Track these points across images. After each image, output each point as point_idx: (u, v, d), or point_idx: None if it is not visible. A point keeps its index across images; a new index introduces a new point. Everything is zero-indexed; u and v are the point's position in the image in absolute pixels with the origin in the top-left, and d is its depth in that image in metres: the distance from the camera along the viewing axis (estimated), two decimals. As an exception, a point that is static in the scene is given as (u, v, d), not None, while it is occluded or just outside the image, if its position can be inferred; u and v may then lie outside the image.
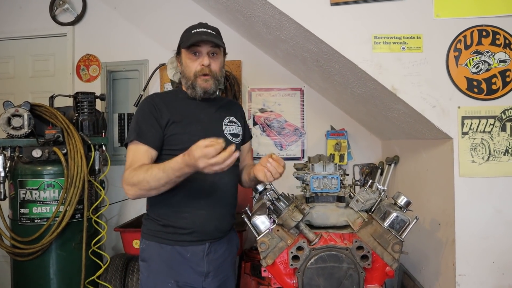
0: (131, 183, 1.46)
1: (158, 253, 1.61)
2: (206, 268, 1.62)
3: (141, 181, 1.43)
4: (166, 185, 1.42)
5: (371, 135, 3.11)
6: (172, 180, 1.40)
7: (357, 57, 1.84)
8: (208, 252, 1.62)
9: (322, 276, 1.47)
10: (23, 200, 2.50)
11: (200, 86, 1.62)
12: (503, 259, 1.76)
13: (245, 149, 1.88)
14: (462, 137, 1.77)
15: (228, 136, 1.69)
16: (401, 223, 1.51)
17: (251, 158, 1.92)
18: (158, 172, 1.41)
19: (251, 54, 3.19)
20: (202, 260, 1.61)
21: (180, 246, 1.60)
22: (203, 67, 1.61)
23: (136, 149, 1.55)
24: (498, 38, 1.77)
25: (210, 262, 1.63)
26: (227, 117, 1.74)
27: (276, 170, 1.49)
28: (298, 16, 1.88)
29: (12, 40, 3.53)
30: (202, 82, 1.62)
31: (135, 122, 1.61)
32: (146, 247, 1.65)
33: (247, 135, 1.86)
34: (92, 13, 3.42)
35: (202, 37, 1.59)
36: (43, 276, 2.50)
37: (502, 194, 1.76)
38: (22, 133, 2.53)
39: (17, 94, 3.48)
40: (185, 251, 1.60)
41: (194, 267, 1.60)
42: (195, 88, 1.63)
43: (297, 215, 1.47)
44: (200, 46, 1.61)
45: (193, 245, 1.60)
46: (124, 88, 3.43)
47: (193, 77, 1.63)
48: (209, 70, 1.62)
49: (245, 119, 1.88)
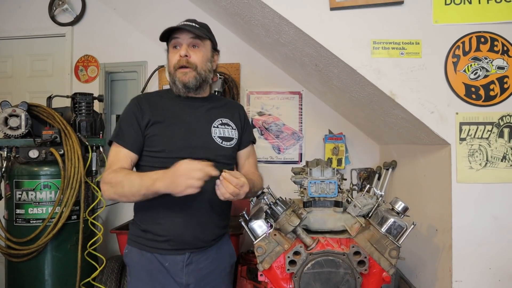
0: (109, 183, 1.43)
1: (138, 259, 1.55)
2: (185, 280, 1.53)
3: (118, 183, 1.40)
4: (135, 194, 1.38)
5: (369, 140, 3.11)
6: (141, 191, 1.36)
7: (356, 62, 1.84)
8: (188, 262, 1.53)
9: (319, 281, 1.47)
10: (19, 200, 2.48)
11: (179, 79, 1.54)
12: (499, 266, 1.76)
13: (244, 154, 1.73)
14: (460, 143, 1.77)
15: (216, 139, 1.58)
16: (398, 229, 1.51)
17: (252, 165, 1.76)
18: (135, 179, 1.39)
19: (250, 57, 3.19)
20: (181, 271, 1.52)
21: (159, 254, 1.52)
22: (181, 58, 1.53)
23: (117, 151, 1.52)
24: (496, 45, 1.77)
25: (190, 274, 1.53)
26: (219, 119, 1.63)
27: (225, 189, 1.34)
28: (298, 20, 1.88)
29: (10, 40, 3.53)
30: (181, 75, 1.54)
31: (118, 122, 1.59)
32: (128, 252, 1.59)
33: (245, 139, 1.73)
34: (91, 14, 3.42)
35: (179, 25, 1.51)
36: (38, 277, 2.48)
37: (499, 201, 1.76)
38: (19, 133, 2.52)
39: (14, 94, 3.48)
40: (164, 260, 1.52)
41: (174, 277, 1.53)
42: (175, 83, 1.56)
43: (294, 220, 1.47)
44: (179, 38, 1.54)
45: (172, 254, 1.52)
46: (122, 89, 3.43)
47: (173, 71, 1.56)
48: (187, 61, 1.53)
49: (246, 122, 1.76)
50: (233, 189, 1.34)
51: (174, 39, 1.55)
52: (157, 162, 1.51)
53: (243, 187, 1.37)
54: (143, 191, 1.36)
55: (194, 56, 1.55)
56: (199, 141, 1.56)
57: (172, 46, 1.58)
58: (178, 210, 1.51)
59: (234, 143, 1.65)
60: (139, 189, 1.36)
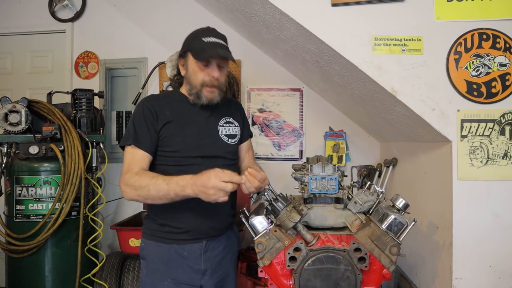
0: (132, 185, 1.49)
1: (156, 251, 1.64)
2: (203, 266, 1.64)
3: (143, 187, 1.47)
4: (162, 198, 1.46)
5: (369, 137, 3.11)
6: (169, 196, 1.45)
7: (357, 59, 1.84)
8: (205, 249, 1.65)
9: (319, 277, 1.47)
10: (19, 196, 2.48)
11: (206, 96, 1.62)
12: (500, 263, 1.76)
13: (244, 148, 1.85)
14: (461, 140, 1.77)
15: (223, 137, 1.70)
16: (399, 226, 1.50)
17: (252, 157, 1.90)
18: (161, 183, 1.45)
19: (251, 54, 3.18)
20: (200, 258, 1.63)
21: (177, 244, 1.62)
22: (213, 79, 1.61)
23: (133, 153, 1.59)
24: (499, 42, 1.77)
25: (207, 260, 1.65)
26: (224, 118, 1.74)
27: (250, 184, 1.45)
28: (299, 16, 1.87)
29: (10, 36, 3.51)
30: (209, 93, 1.62)
31: (132, 125, 1.63)
32: (145, 246, 1.68)
33: (245, 133, 1.85)
34: (92, 10, 3.40)
35: (218, 51, 1.57)
36: (38, 273, 2.49)
37: (500, 198, 1.76)
38: (19, 129, 2.52)
39: (14, 90, 3.46)
40: (183, 250, 1.62)
41: (191, 265, 1.62)
42: (200, 98, 1.63)
43: (295, 216, 1.47)
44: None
45: (190, 243, 1.63)
46: (122, 85, 3.41)
47: (199, 87, 1.62)
48: (217, 82, 1.62)
49: (244, 118, 1.87)
50: (258, 184, 1.46)
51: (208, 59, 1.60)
52: (171, 161, 1.62)
53: (265, 181, 1.49)
54: (172, 196, 1.45)
55: (221, 77, 1.65)
56: (209, 140, 1.67)
57: (203, 63, 1.61)
58: (195, 204, 1.55)
59: (237, 139, 1.76)
60: (167, 193, 1.45)
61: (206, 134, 1.67)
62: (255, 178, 1.45)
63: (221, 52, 1.58)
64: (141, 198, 1.51)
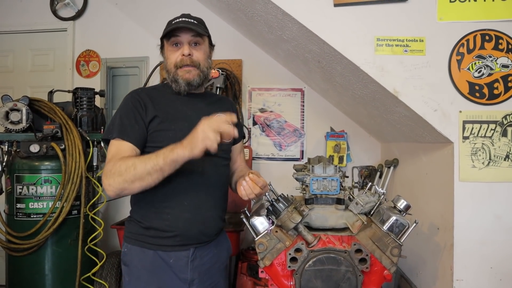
0: (116, 172, 1.34)
1: (140, 258, 1.51)
2: (190, 275, 1.52)
3: (129, 167, 1.32)
4: (151, 172, 1.31)
5: (370, 138, 3.10)
6: (158, 165, 1.30)
7: (359, 59, 1.83)
8: (193, 258, 1.52)
9: (320, 278, 1.46)
10: (19, 195, 2.48)
11: (182, 77, 1.53)
12: (501, 265, 1.76)
13: (237, 149, 1.77)
14: (463, 142, 1.77)
15: None
16: (400, 227, 1.50)
17: (243, 160, 1.83)
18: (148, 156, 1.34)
19: (252, 54, 3.18)
20: (186, 266, 1.51)
21: (163, 251, 1.50)
22: (183, 57, 1.52)
23: (119, 146, 1.45)
24: (501, 43, 1.76)
25: (195, 269, 1.53)
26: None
27: (251, 190, 1.39)
28: (301, 16, 1.87)
29: (12, 34, 3.51)
30: (184, 73, 1.53)
31: (118, 118, 1.49)
32: (128, 251, 1.55)
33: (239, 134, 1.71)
34: (93, 9, 3.40)
35: (179, 24, 1.50)
36: (38, 272, 2.48)
37: (501, 200, 1.76)
38: (20, 128, 2.52)
39: (16, 88, 3.47)
40: (168, 257, 1.50)
41: (177, 274, 1.51)
42: (178, 81, 1.54)
43: (296, 217, 1.47)
44: (179, 36, 1.53)
45: (177, 250, 1.51)
46: (124, 84, 3.41)
47: (174, 69, 1.54)
48: (191, 60, 1.53)
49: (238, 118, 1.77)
50: (259, 190, 1.40)
51: (174, 37, 1.54)
52: None
53: (266, 187, 1.43)
54: (161, 164, 1.30)
55: (196, 54, 1.55)
56: None
57: (171, 43, 1.55)
58: (185, 205, 1.50)
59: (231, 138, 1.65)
60: (155, 163, 1.30)
61: None
62: (256, 184, 1.39)
63: (182, 24, 1.49)
64: (127, 184, 1.33)
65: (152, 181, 1.33)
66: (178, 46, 1.55)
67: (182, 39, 1.53)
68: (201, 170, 1.51)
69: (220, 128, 1.28)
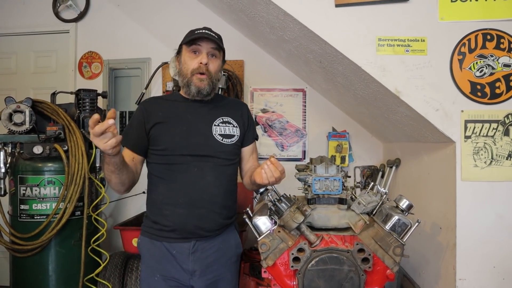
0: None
1: (148, 248, 1.69)
2: (191, 267, 1.63)
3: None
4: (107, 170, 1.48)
5: (372, 137, 3.10)
6: (105, 161, 1.46)
7: (361, 59, 1.84)
8: (194, 250, 1.64)
9: (323, 278, 1.47)
10: (23, 196, 2.49)
11: (195, 84, 1.65)
12: (503, 264, 1.75)
13: (248, 151, 1.83)
14: (465, 141, 1.77)
15: (217, 136, 1.68)
16: (402, 226, 1.50)
17: (256, 160, 1.88)
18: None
19: (254, 54, 3.19)
20: (188, 258, 1.63)
21: (167, 242, 1.65)
22: (201, 65, 1.64)
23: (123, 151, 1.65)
24: (503, 42, 1.76)
25: (196, 261, 1.64)
26: (221, 118, 1.73)
27: (272, 173, 1.46)
28: (303, 17, 1.87)
29: (14, 36, 3.52)
30: (197, 81, 1.65)
31: (127, 126, 1.76)
32: (140, 242, 1.74)
33: (249, 136, 1.82)
34: (95, 10, 3.41)
35: (204, 35, 1.63)
36: (42, 272, 2.49)
37: (504, 199, 1.75)
38: (23, 129, 2.53)
39: (19, 90, 3.48)
40: (172, 248, 1.64)
41: (180, 264, 1.64)
42: (190, 86, 1.66)
43: (298, 217, 1.47)
44: (201, 45, 1.65)
45: (179, 242, 1.64)
46: (126, 86, 3.43)
47: (189, 75, 1.66)
48: (206, 69, 1.64)
49: (250, 120, 1.84)
50: (279, 174, 1.46)
51: (196, 45, 1.65)
52: (160, 159, 1.67)
53: (283, 174, 1.49)
54: (106, 160, 1.46)
55: (211, 65, 1.67)
56: (200, 139, 1.67)
57: (191, 50, 1.67)
58: (181, 202, 1.63)
59: (235, 140, 1.74)
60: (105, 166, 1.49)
61: (196, 133, 1.66)
62: (277, 168, 1.45)
63: (206, 35, 1.63)
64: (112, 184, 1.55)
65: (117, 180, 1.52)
66: (196, 54, 1.67)
67: (202, 48, 1.66)
68: (196, 170, 1.64)
69: (93, 133, 1.30)
